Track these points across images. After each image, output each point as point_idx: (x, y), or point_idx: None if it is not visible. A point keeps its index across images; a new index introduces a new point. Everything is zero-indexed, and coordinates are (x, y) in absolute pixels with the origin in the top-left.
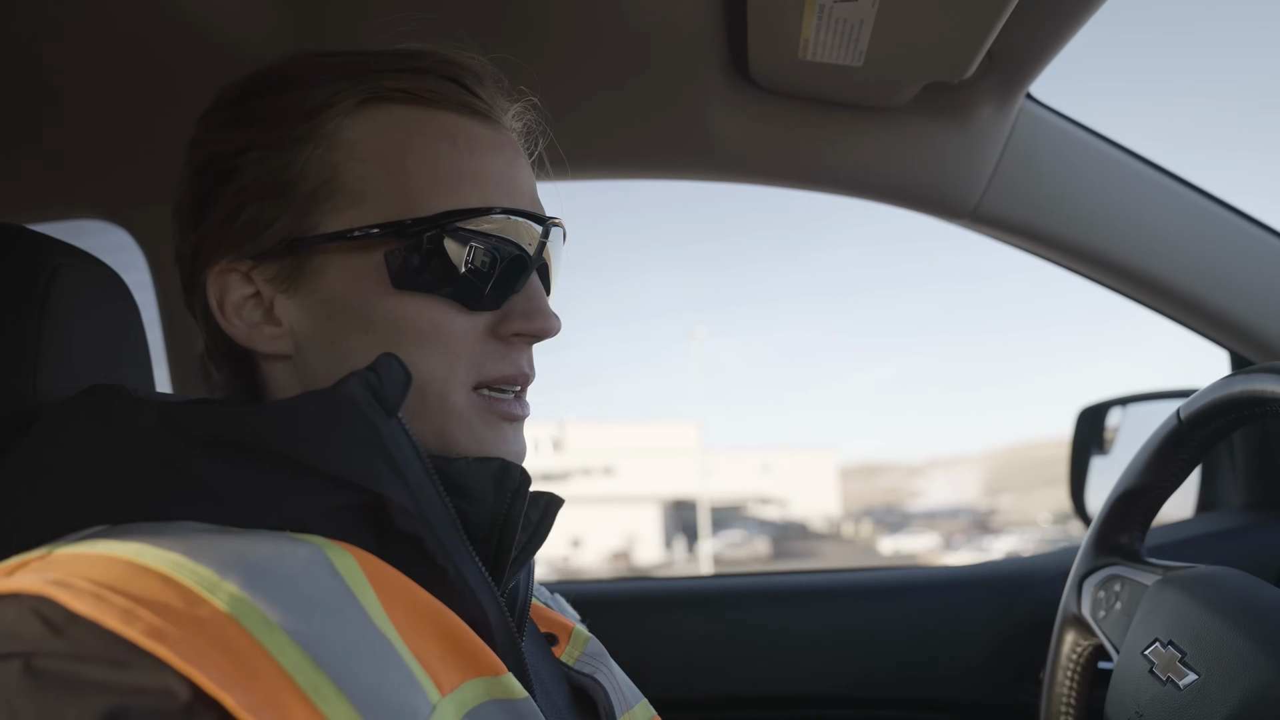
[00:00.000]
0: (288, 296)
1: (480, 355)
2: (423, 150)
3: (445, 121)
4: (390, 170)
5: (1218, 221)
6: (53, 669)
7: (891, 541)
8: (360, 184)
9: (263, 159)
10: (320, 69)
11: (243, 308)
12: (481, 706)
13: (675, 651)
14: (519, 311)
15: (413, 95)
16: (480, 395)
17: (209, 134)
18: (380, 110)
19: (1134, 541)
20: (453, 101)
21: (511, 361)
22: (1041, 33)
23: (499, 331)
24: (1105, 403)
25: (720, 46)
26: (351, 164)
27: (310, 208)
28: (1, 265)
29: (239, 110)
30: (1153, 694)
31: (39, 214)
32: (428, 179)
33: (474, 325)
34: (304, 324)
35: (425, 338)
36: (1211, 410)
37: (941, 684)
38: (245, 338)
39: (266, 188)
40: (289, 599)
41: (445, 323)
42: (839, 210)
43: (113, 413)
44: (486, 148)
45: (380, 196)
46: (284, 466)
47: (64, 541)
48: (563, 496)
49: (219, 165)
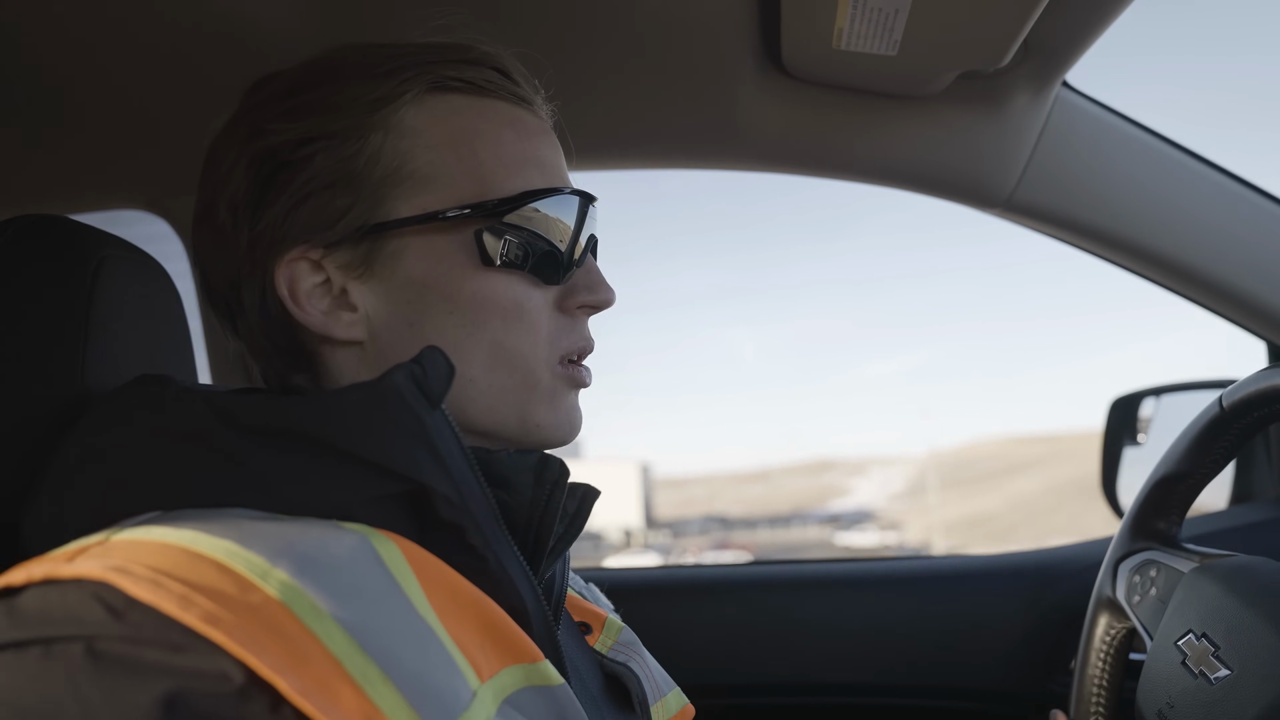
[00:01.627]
0: (362, 282)
1: (555, 330)
2: (488, 136)
3: (503, 110)
4: (460, 155)
5: (1259, 211)
6: (114, 652)
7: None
8: (431, 169)
9: (330, 148)
10: (381, 59)
11: (313, 295)
12: (519, 693)
13: (707, 639)
14: (582, 285)
15: (471, 85)
16: (562, 368)
17: (269, 124)
18: (442, 99)
19: (1171, 527)
20: (505, 91)
21: (581, 334)
22: (1078, 20)
23: (565, 305)
24: (1138, 393)
25: (753, 36)
26: (420, 150)
27: (383, 194)
28: (49, 256)
29: (299, 100)
30: (1184, 686)
31: (80, 204)
32: (497, 163)
33: (546, 300)
34: (380, 309)
35: (509, 314)
36: (1255, 400)
37: (971, 673)
38: (320, 325)
39: (335, 177)
40: (336, 586)
41: (525, 299)
42: (864, 198)
43: (164, 402)
44: (539, 134)
45: (452, 180)
46: (330, 456)
47: (120, 528)
48: (599, 489)
49: (281, 156)
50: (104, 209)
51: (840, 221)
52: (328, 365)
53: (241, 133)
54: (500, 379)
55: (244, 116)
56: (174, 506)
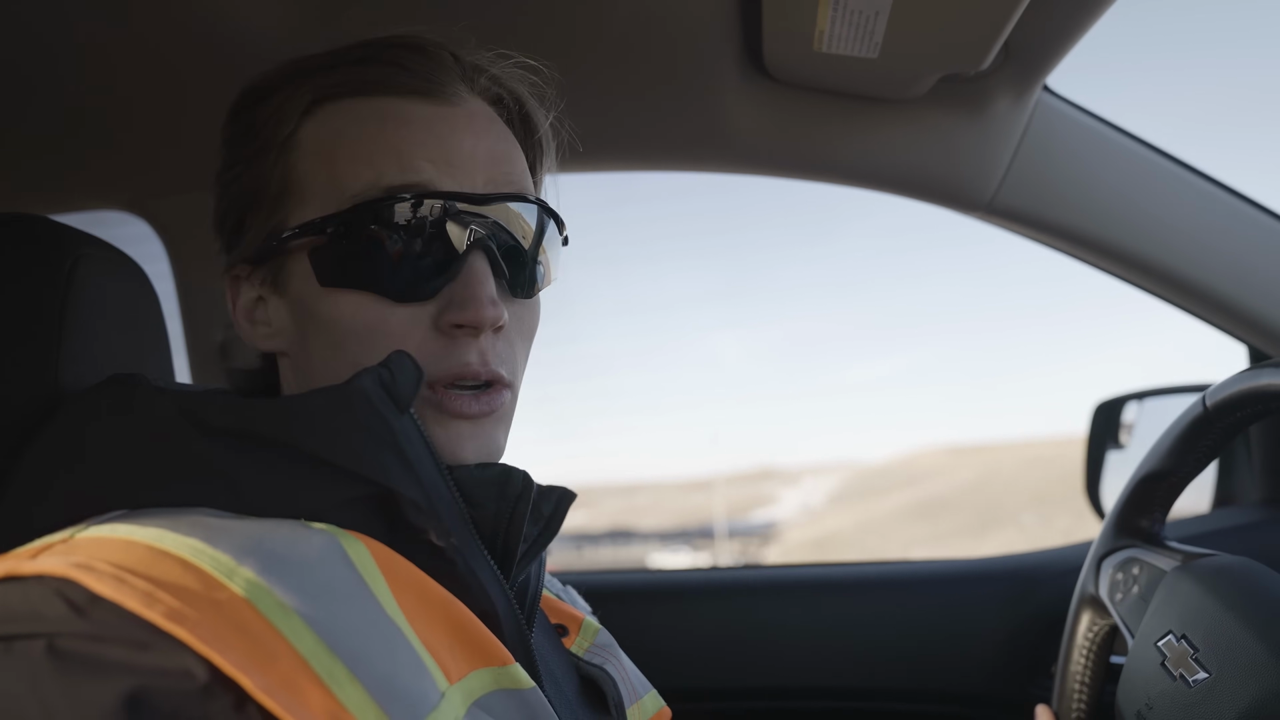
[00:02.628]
0: (276, 297)
1: (425, 353)
2: (352, 137)
3: (379, 106)
4: (325, 162)
5: (1236, 214)
6: (75, 649)
7: None
8: (306, 180)
9: (247, 169)
10: (280, 77)
11: (252, 310)
12: (489, 696)
13: (686, 642)
14: (455, 301)
15: (351, 88)
16: (433, 393)
17: (221, 149)
18: (330, 108)
19: (1154, 525)
20: (389, 84)
21: (456, 357)
22: (1058, 24)
23: (439, 323)
24: (1121, 397)
25: (735, 39)
26: (301, 163)
27: (276, 210)
28: (25, 255)
29: (233, 126)
30: (1163, 688)
31: (60, 205)
32: (350, 163)
33: (413, 319)
34: (285, 323)
35: (362, 337)
36: (1237, 400)
37: (952, 676)
38: (249, 336)
39: (249, 196)
40: (304, 585)
41: (379, 320)
42: (851, 202)
43: (134, 402)
44: (422, 125)
45: (318, 190)
46: (298, 459)
47: (85, 526)
48: (574, 491)
49: (223, 179)
50: (84, 209)
51: (825, 225)
52: (280, 371)
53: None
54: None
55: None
56: (140, 506)
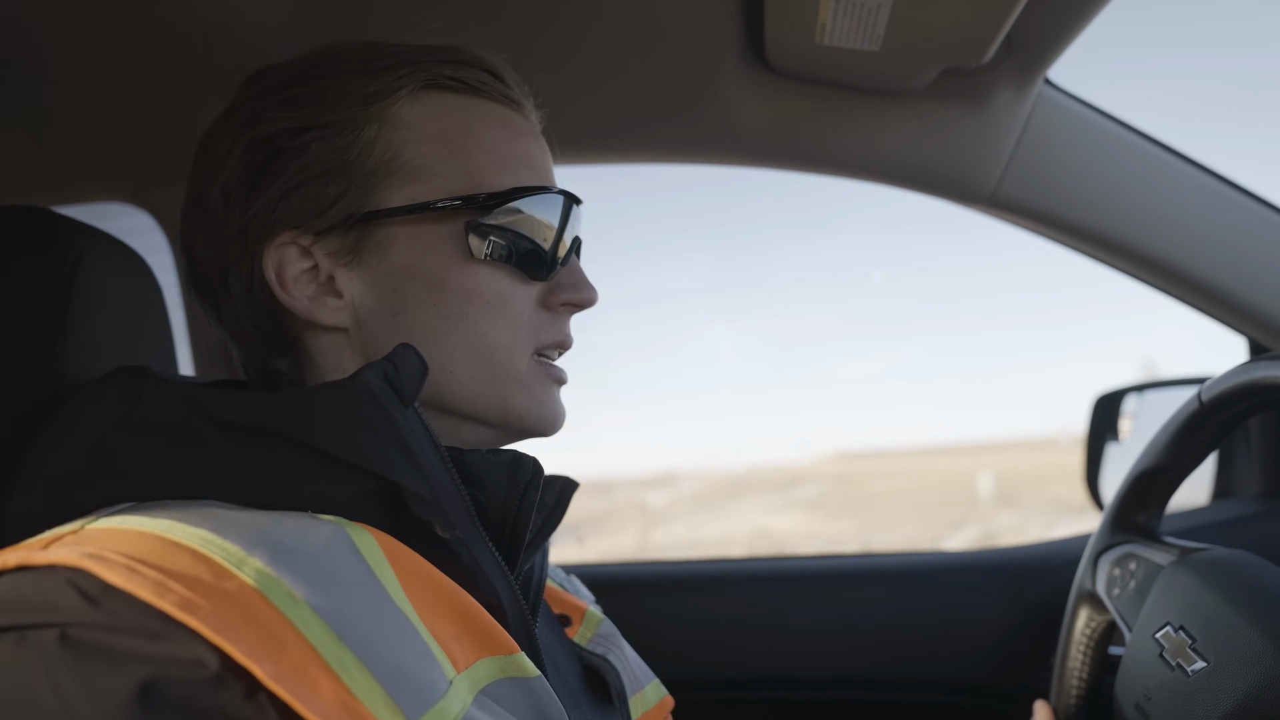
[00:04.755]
0: (349, 270)
1: (535, 324)
2: (481, 134)
3: (494, 110)
4: (452, 150)
5: (1237, 207)
6: (88, 639)
7: None
8: (423, 162)
9: (325, 137)
10: (377, 56)
11: (300, 280)
12: (496, 684)
13: (688, 632)
14: (566, 284)
15: (465, 84)
16: (537, 360)
17: (266, 112)
18: (436, 97)
19: (1151, 520)
20: (496, 92)
21: (560, 329)
22: (1060, 17)
23: (548, 302)
24: (1121, 390)
25: (737, 31)
26: (413, 144)
27: (374, 184)
28: (28, 248)
29: (297, 90)
30: (1161, 678)
31: (62, 197)
32: (489, 159)
33: (530, 296)
34: (366, 296)
35: (492, 307)
36: (1234, 394)
37: (952, 667)
38: (306, 310)
39: (329, 165)
40: (312, 575)
41: (509, 293)
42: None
43: (141, 394)
44: (528, 136)
45: (444, 174)
46: (304, 452)
47: (95, 517)
48: (578, 480)
49: (277, 143)
50: (86, 201)
51: (824, 218)
52: (310, 351)
53: (238, 120)
54: (480, 369)
55: (241, 105)
56: (148, 497)
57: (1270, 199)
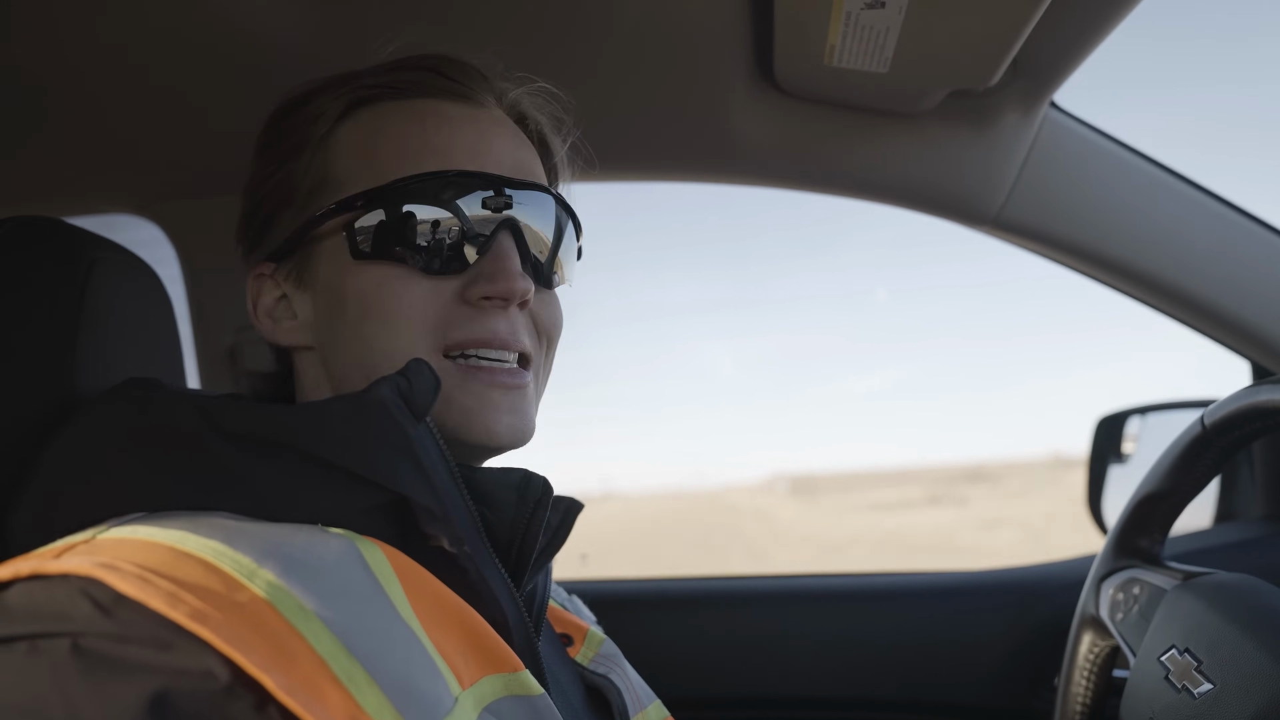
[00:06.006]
0: (301, 291)
1: (443, 321)
2: (392, 133)
3: (417, 106)
4: (365, 156)
5: (1241, 231)
6: (100, 650)
7: None
8: (344, 174)
9: (280, 169)
10: (316, 86)
11: (274, 309)
12: (499, 701)
13: (690, 651)
14: (484, 274)
15: (390, 90)
16: (454, 362)
17: (254, 158)
18: (366, 110)
19: (1154, 545)
20: (426, 87)
21: (482, 324)
22: (1066, 41)
23: (466, 295)
24: (1124, 412)
25: (746, 51)
26: (340, 160)
27: (308, 205)
28: (41, 257)
29: (268, 134)
30: (1167, 701)
31: (72, 208)
32: (393, 156)
33: (439, 292)
34: (310, 315)
35: (384, 309)
36: (1236, 418)
37: (955, 688)
38: (270, 333)
39: (282, 196)
40: (322, 588)
41: (404, 292)
42: (854, 214)
43: (153, 406)
44: (457, 122)
45: (356, 181)
46: (315, 465)
47: (107, 526)
48: (582, 502)
49: (253, 184)
50: (96, 213)
51: (827, 236)
52: (298, 371)
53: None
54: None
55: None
56: (159, 508)
57: (1274, 223)
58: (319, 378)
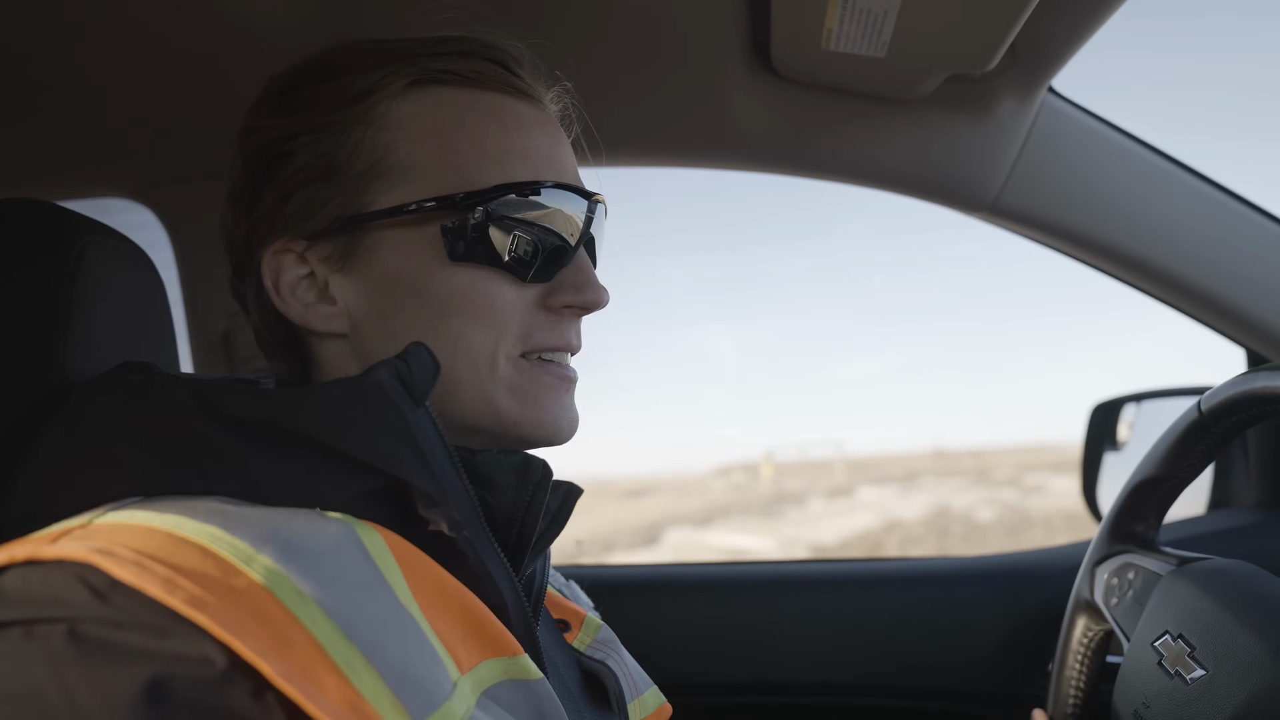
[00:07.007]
0: (342, 275)
1: (529, 326)
2: (472, 128)
3: (491, 101)
4: (441, 148)
5: (1239, 218)
6: (96, 635)
7: None
8: (411, 162)
9: (314, 143)
10: (367, 54)
11: (297, 288)
12: (498, 685)
13: (686, 637)
14: (569, 284)
15: (459, 77)
16: (529, 361)
17: (261, 120)
18: (428, 92)
19: (1149, 530)
20: (497, 82)
21: (559, 333)
22: (1065, 26)
23: (549, 303)
24: (1119, 399)
25: (743, 36)
26: (402, 143)
27: (362, 187)
28: (33, 240)
29: (289, 98)
30: (1160, 686)
31: (65, 192)
32: (477, 155)
33: (524, 297)
34: (358, 302)
35: (477, 310)
36: (1233, 404)
37: (950, 674)
38: (301, 317)
39: (319, 170)
40: (320, 573)
41: (497, 295)
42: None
43: (148, 390)
44: (532, 126)
45: (431, 173)
46: (313, 450)
47: (102, 512)
48: (581, 486)
49: (271, 151)
50: (89, 197)
51: (825, 221)
52: (317, 358)
53: (241, 129)
54: (464, 372)
55: (246, 114)
56: (155, 493)
57: (1271, 210)
58: (347, 367)
